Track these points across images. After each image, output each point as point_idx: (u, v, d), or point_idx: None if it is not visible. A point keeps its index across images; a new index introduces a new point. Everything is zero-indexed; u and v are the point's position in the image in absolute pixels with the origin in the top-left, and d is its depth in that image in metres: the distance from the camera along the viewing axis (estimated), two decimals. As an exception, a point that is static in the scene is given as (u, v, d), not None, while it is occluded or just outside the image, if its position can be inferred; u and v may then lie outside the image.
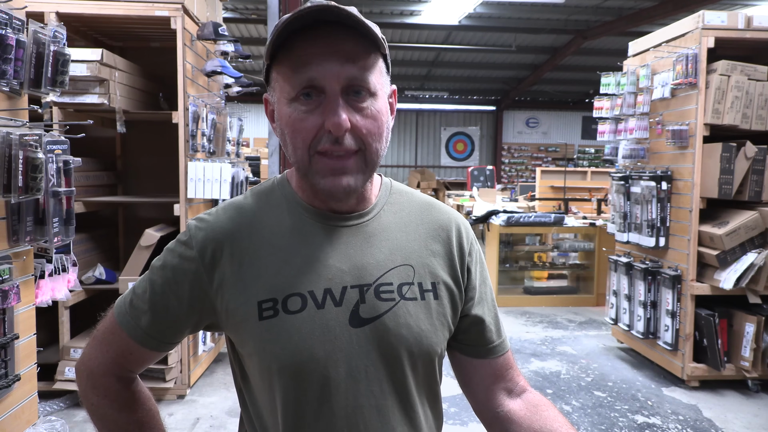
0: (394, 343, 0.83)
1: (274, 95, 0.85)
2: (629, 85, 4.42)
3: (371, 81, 0.81)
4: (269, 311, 0.81)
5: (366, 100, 0.81)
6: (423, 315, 0.86)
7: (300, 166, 0.83)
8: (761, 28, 3.74)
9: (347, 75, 0.79)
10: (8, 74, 1.83)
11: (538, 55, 13.29)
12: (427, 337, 0.85)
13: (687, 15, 3.98)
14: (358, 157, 0.81)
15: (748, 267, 3.61)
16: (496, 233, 6.28)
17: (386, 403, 0.83)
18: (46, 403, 3.34)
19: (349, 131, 0.79)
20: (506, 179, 17.21)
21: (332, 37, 0.79)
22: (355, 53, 0.79)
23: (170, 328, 0.89)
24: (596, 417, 3.43)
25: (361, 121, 0.80)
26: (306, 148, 0.80)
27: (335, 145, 0.79)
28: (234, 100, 4.56)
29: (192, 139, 3.48)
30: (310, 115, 0.79)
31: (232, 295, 0.84)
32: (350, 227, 0.87)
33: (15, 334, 1.91)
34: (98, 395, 0.93)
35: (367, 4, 9.92)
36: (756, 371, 3.72)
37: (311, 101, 0.80)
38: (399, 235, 0.89)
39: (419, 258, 0.89)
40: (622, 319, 4.43)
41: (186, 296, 0.86)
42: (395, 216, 0.92)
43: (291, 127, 0.81)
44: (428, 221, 0.93)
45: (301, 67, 0.79)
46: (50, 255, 2.45)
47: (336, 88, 0.79)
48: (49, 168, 2.05)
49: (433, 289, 0.88)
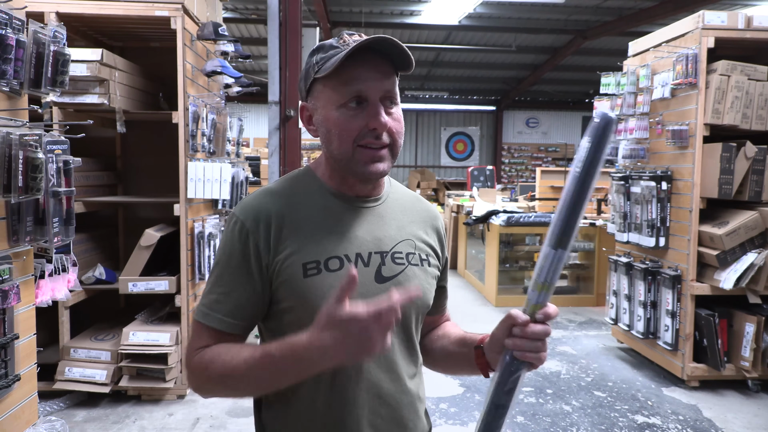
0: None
1: (316, 103, 1.07)
2: (629, 85, 4.41)
3: (396, 93, 1.07)
4: (313, 270, 1.03)
5: (394, 107, 1.07)
6: (423, 277, 1.13)
7: (343, 156, 1.05)
8: (761, 28, 3.74)
9: (384, 88, 1.04)
10: (8, 74, 1.83)
11: (538, 55, 13.29)
12: (427, 293, 1.13)
13: (687, 15, 3.98)
14: (388, 149, 1.06)
15: (748, 267, 3.61)
16: (496, 233, 6.27)
17: (396, 339, 1.08)
18: (46, 403, 3.35)
19: (386, 130, 1.04)
20: (506, 179, 17.20)
21: (374, 61, 1.03)
22: (388, 73, 1.05)
23: (255, 305, 1.06)
24: (596, 417, 3.43)
25: (391, 122, 1.05)
26: (351, 142, 1.03)
27: (376, 140, 1.04)
28: (234, 100, 4.56)
29: (192, 139, 3.48)
30: (356, 117, 1.03)
31: (282, 258, 1.04)
32: (369, 208, 1.12)
33: (15, 334, 1.91)
34: (216, 358, 1.01)
35: (367, 4, 9.92)
36: (756, 371, 3.72)
37: (357, 107, 1.03)
38: (401, 217, 1.16)
39: (416, 235, 1.16)
40: (622, 319, 4.43)
41: (256, 269, 1.04)
42: (397, 202, 1.18)
43: (339, 126, 1.03)
44: (419, 209, 1.21)
45: (351, 81, 1.02)
46: (50, 255, 2.45)
47: (377, 97, 1.03)
48: (49, 168, 2.05)
49: (427, 259, 1.15)
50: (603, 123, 0.83)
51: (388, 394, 1.08)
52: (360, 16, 10.35)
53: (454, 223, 8.24)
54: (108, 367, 3.39)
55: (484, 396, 1.19)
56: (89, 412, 3.34)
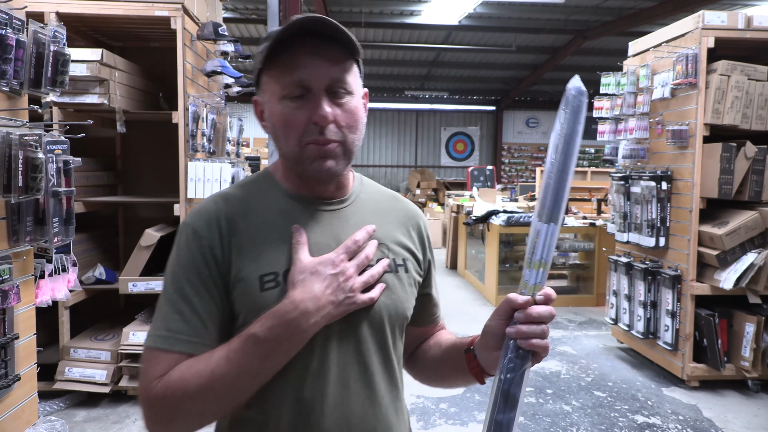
0: (377, 307, 0.97)
1: (264, 96, 0.98)
2: (629, 85, 4.41)
3: (349, 82, 0.95)
4: (271, 283, 0.92)
5: (345, 98, 0.94)
6: (398, 285, 1.00)
7: (291, 155, 0.95)
8: (761, 28, 3.74)
9: (331, 76, 0.92)
10: (8, 74, 1.83)
11: (538, 55, 13.29)
12: (402, 302, 1.01)
13: (687, 15, 3.98)
14: (339, 145, 0.94)
15: (748, 267, 3.61)
16: (496, 233, 6.27)
17: (371, 358, 0.97)
18: (46, 403, 3.34)
19: (332, 123, 0.92)
20: (506, 179, 17.20)
21: (318, 45, 0.92)
22: (337, 58, 0.93)
23: (221, 320, 0.93)
24: (596, 417, 3.43)
25: (341, 115, 0.93)
26: (297, 139, 0.93)
27: (321, 135, 0.92)
28: (234, 100, 4.57)
29: (192, 139, 3.48)
30: (299, 110, 0.92)
31: (237, 269, 0.93)
32: (333, 211, 1.01)
33: (15, 334, 1.91)
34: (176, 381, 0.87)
35: (367, 4, 9.92)
36: (756, 371, 3.72)
37: (299, 98, 0.92)
38: (373, 219, 1.03)
39: (391, 239, 1.03)
40: (622, 319, 4.43)
41: (216, 279, 0.93)
42: (369, 203, 1.07)
43: (283, 121, 0.93)
44: (396, 210, 1.10)
45: (290, 70, 0.92)
46: (50, 255, 2.45)
47: (321, 86, 0.92)
48: (49, 168, 2.05)
49: (404, 264, 1.03)
50: (576, 92, 0.85)
51: (363, 421, 0.95)
52: (360, 16, 10.35)
53: (454, 223, 8.24)
54: (108, 367, 3.39)
55: (485, 396, 1.16)
56: (89, 412, 3.34)
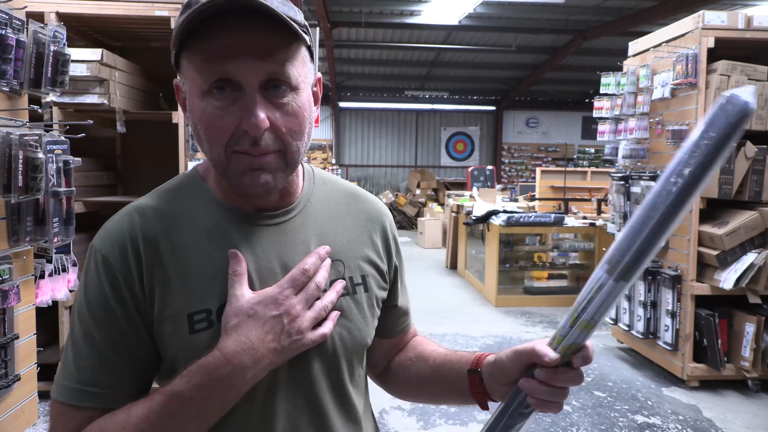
0: (330, 341, 0.82)
1: (185, 84, 0.78)
2: (629, 85, 4.41)
3: (293, 74, 0.74)
4: (202, 323, 0.75)
5: (287, 96, 0.74)
6: (355, 309, 0.85)
7: (217, 164, 0.76)
8: (761, 28, 3.74)
9: (267, 70, 0.72)
10: (8, 74, 1.83)
11: (538, 55, 13.28)
12: (360, 330, 0.85)
13: (687, 15, 3.98)
14: (277, 156, 0.75)
15: (748, 267, 3.61)
16: (496, 233, 6.27)
17: (323, 398, 0.82)
18: (46, 403, 3.34)
19: (268, 130, 0.73)
20: (506, 179, 17.20)
21: (250, 26, 0.71)
22: (274, 45, 0.72)
23: (144, 364, 0.78)
24: (596, 417, 3.43)
25: (281, 119, 0.74)
26: (223, 147, 0.74)
27: (254, 146, 0.73)
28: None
29: (192, 139, 3.48)
30: (225, 112, 0.72)
31: (160, 305, 0.76)
32: (277, 225, 0.82)
33: (15, 334, 1.91)
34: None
35: (367, 4, 9.92)
36: (756, 371, 3.72)
37: (226, 97, 0.72)
38: (328, 229, 0.86)
39: (348, 251, 0.86)
40: (622, 319, 4.43)
41: (135, 314, 0.76)
42: (322, 208, 0.88)
43: (205, 124, 0.74)
44: (355, 212, 0.91)
45: (215, 59, 0.71)
46: (50, 255, 2.45)
47: (254, 83, 0.72)
48: (49, 168, 2.05)
49: (363, 282, 0.87)
50: (737, 109, 0.56)
51: None
52: (360, 16, 10.35)
53: (454, 223, 8.24)
54: (108, 367, 3.39)
55: None
56: (89, 412, 3.34)
